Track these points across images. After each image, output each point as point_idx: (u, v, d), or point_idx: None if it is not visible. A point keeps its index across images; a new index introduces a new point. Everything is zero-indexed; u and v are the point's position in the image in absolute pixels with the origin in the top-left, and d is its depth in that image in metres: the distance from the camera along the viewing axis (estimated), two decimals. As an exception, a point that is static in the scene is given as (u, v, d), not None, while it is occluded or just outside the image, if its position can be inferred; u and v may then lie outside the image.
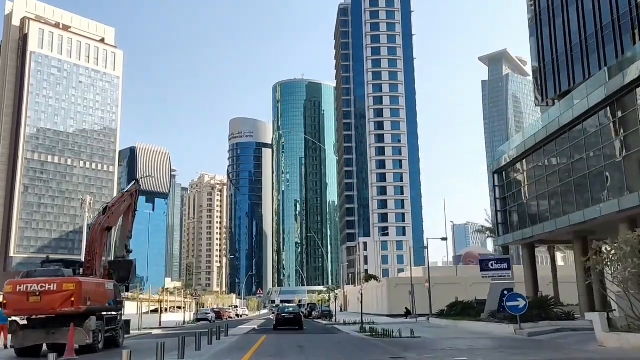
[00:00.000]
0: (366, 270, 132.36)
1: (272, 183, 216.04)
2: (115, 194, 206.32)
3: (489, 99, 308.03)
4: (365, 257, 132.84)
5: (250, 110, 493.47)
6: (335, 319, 45.58)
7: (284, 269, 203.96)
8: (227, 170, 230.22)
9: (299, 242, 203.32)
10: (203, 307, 75.92)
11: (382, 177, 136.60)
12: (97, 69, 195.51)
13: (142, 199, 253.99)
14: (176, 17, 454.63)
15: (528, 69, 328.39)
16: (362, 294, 41.18)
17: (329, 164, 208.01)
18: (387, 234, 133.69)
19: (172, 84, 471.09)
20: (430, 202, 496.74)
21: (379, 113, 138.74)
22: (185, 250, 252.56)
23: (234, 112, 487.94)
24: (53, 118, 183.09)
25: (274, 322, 36.13)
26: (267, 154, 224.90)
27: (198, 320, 47.48)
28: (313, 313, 56.36)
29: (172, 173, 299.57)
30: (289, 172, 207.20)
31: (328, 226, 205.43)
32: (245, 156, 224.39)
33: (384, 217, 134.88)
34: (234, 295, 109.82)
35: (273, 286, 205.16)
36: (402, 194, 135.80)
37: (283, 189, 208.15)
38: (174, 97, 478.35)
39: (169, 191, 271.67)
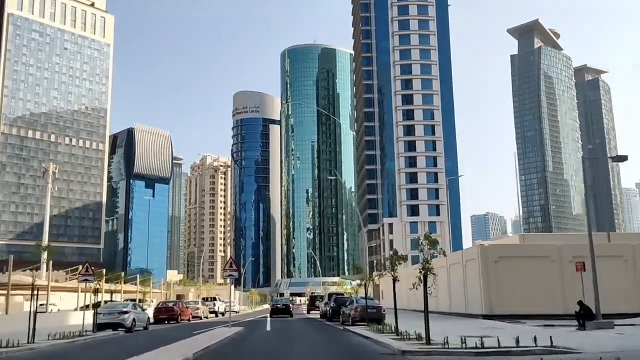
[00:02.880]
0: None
1: (281, 163, 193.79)
2: (105, 175, 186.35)
3: (518, 74, 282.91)
4: (391, 242, 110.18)
5: (257, 85, 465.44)
6: (396, 327, 20.44)
7: (293, 258, 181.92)
8: (231, 150, 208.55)
9: (311, 227, 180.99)
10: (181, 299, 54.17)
11: (410, 146, 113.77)
12: (85, 35, 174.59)
13: (141, 184, 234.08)
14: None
15: (562, 42, 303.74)
16: (424, 277, 17.92)
17: (344, 141, 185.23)
18: (417, 214, 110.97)
19: (169, 56, 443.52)
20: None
21: (406, 70, 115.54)
22: (186, 238, 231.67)
23: (239, 88, 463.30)
24: (34, 88, 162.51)
25: (270, 311, 46.48)
26: (275, 131, 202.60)
27: (98, 327, 24.15)
28: (346, 312, 27.59)
29: (178, 162, 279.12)
30: (300, 150, 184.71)
31: (343, 210, 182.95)
32: (250, 133, 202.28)
33: (413, 194, 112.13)
34: (231, 287, 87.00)
35: (282, 277, 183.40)
36: (435, 165, 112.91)
37: (293, 170, 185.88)
38: (172, 72, 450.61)
39: (170, 176, 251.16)
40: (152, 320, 31.45)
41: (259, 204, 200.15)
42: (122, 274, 62.76)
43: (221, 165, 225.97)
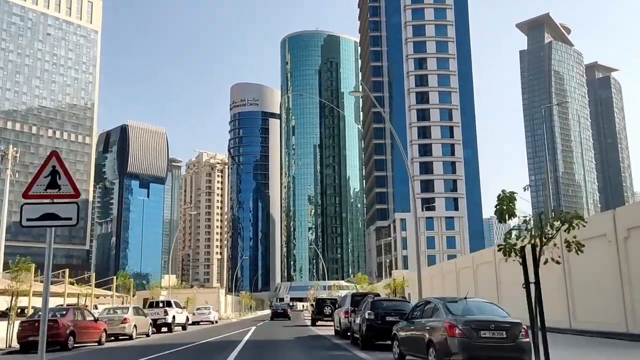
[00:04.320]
0: (405, 257, 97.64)
1: (281, 159, 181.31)
2: (92, 170, 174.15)
3: (528, 70, 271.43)
4: (404, 240, 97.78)
5: (256, 77, 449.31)
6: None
7: (294, 260, 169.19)
8: (228, 145, 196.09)
9: (313, 227, 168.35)
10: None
11: (424, 132, 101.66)
12: (70, 21, 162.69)
13: (135, 184, 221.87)
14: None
15: (572, 37, 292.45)
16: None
17: (348, 135, 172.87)
18: (433, 208, 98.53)
19: (162, 46, 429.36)
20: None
21: (420, 48, 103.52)
22: (181, 240, 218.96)
23: (236, 80, 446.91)
24: (14, 76, 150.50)
25: (270, 315, 51.27)
26: (274, 125, 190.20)
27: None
28: (420, 336, 11.49)
29: (177, 164, 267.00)
30: (301, 145, 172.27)
31: (348, 208, 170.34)
32: (249, 127, 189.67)
33: (427, 185, 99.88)
34: (220, 290, 75.13)
35: (282, 280, 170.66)
36: (453, 153, 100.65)
37: (294, 166, 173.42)
38: (165, 64, 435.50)
39: (166, 176, 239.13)
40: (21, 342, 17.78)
41: (258, 203, 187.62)
42: (114, 277, 50.14)
43: (218, 163, 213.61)
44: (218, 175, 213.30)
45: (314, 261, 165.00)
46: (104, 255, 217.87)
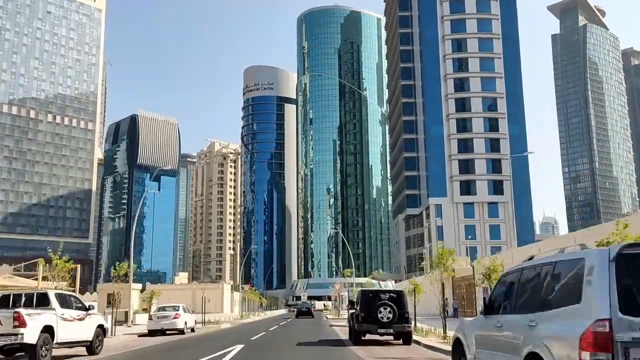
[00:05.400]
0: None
1: (297, 146, 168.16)
2: (95, 158, 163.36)
3: (561, 55, 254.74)
4: (439, 229, 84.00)
5: (270, 59, 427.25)
6: None
7: (312, 255, 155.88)
8: (241, 133, 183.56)
9: (332, 218, 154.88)
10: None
11: (462, 105, 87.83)
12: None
13: (146, 176, 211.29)
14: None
15: (607, 20, 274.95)
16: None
17: (371, 119, 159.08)
18: (473, 192, 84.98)
19: (170, 28, 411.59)
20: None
21: (457, 7, 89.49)
22: (191, 235, 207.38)
23: (249, 64, 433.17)
24: (10, 57, 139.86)
25: (296, 313, 55.43)
26: (290, 111, 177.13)
27: None
28: None
29: (191, 159, 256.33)
30: (319, 131, 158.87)
31: (370, 199, 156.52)
32: (263, 113, 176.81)
33: (466, 166, 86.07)
34: (226, 286, 62.30)
35: (299, 277, 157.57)
36: (497, 129, 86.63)
37: (311, 153, 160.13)
38: (174, 47, 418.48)
39: (178, 168, 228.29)
40: None
41: (273, 194, 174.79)
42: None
43: (231, 153, 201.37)
44: (231, 166, 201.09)
45: (333, 256, 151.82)
46: (115, 251, 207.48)
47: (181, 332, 24.20)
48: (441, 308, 17.83)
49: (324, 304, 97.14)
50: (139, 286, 38.78)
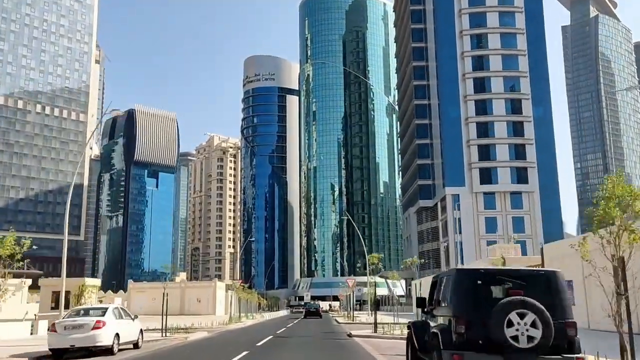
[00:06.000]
0: (459, 244, 76.15)
1: (300, 139, 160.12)
2: (87, 152, 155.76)
3: (571, 48, 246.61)
4: (457, 222, 76.19)
5: (272, 49, 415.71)
6: None
7: (315, 253, 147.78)
8: (241, 126, 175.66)
9: (336, 215, 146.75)
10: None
11: (481, 85, 79.87)
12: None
13: (143, 173, 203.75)
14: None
15: (619, 12, 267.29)
16: None
17: (377, 110, 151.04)
18: (494, 181, 77.25)
19: (167, 16, 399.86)
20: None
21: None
22: (190, 232, 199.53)
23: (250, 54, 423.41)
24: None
25: (304, 313, 55.12)
26: (292, 102, 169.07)
27: None
28: None
29: (191, 158, 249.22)
30: (323, 123, 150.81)
31: (377, 194, 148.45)
32: (264, 105, 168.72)
33: (486, 152, 78.14)
34: (220, 284, 54.51)
35: (301, 276, 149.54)
36: (520, 111, 78.73)
37: (315, 146, 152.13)
38: (171, 39, 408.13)
39: (177, 164, 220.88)
40: None
41: (274, 189, 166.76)
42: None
43: (230, 147, 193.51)
44: (230, 161, 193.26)
45: (338, 254, 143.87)
46: (114, 250, 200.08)
47: (108, 351, 15.32)
48: (619, 314, 8.52)
49: (330, 304, 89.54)
50: (96, 282, 30.71)
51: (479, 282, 8.08)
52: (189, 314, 56.60)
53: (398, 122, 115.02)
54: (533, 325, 7.40)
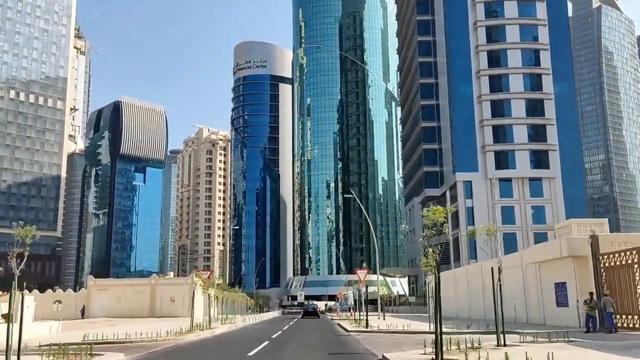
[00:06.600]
0: (472, 233, 67.25)
1: (293, 129, 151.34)
2: (65, 141, 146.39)
3: (573, 40, 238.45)
4: (469, 211, 67.76)
5: (264, 36, 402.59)
6: None
7: (309, 249, 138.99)
8: (231, 116, 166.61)
9: (332, 208, 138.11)
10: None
11: (496, 59, 71.36)
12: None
13: (130, 168, 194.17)
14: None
15: (622, 3, 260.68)
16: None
17: (375, 98, 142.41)
18: (512, 165, 68.88)
19: (154, 9, 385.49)
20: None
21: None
22: (177, 229, 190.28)
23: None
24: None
25: (302, 313, 56.19)
26: (285, 92, 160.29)
27: None
28: None
29: (178, 155, 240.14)
30: (318, 111, 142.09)
31: (375, 187, 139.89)
32: (255, 94, 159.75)
33: (502, 134, 69.61)
34: (197, 280, 45.29)
35: (294, 275, 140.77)
36: (540, 88, 70.31)
37: (309, 138, 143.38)
38: (158, 25, 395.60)
39: (165, 159, 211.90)
40: None
41: (266, 183, 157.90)
42: None
43: (220, 139, 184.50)
44: (220, 154, 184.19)
45: (333, 251, 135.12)
46: (100, 248, 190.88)
47: None
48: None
49: (326, 304, 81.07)
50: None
51: None
52: (160, 316, 47.75)
53: (400, 107, 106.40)
54: None
